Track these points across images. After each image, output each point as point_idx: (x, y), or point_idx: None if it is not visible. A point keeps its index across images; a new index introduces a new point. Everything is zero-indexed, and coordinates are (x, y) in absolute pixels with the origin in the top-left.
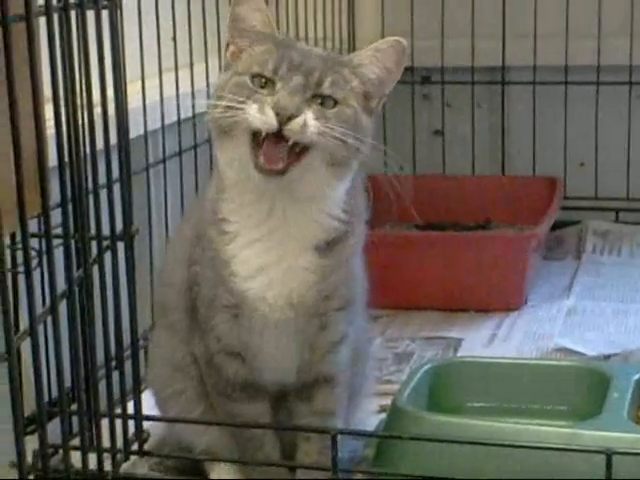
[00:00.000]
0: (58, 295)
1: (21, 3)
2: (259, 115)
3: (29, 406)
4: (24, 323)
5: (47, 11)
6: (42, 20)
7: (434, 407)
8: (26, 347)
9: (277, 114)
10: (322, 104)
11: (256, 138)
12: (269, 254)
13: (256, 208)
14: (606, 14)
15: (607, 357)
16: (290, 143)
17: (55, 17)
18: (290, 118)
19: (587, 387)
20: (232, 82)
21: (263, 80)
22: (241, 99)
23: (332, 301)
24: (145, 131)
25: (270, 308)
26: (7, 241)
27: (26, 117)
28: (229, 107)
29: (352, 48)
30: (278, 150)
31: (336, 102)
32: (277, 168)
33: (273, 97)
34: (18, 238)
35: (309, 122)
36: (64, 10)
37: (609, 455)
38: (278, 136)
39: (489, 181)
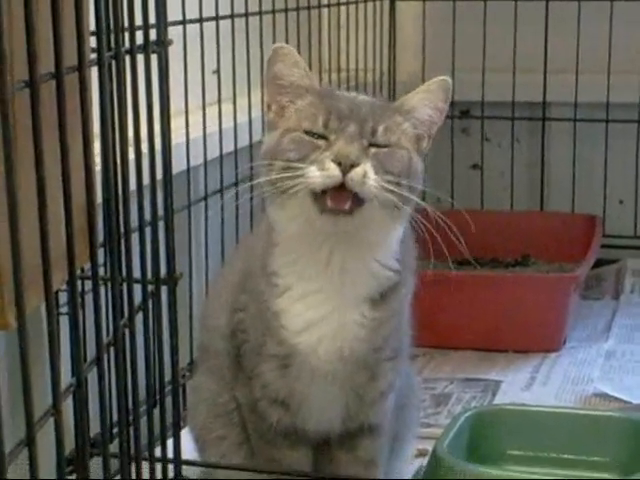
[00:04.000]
0: (104, 345)
1: (69, 54)
2: (320, 172)
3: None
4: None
5: (99, 61)
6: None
7: (474, 455)
8: None
9: (339, 164)
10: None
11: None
12: (321, 307)
13: (313, 260)
14: None
15: None
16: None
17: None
18: (352, 166)
19: (630, 439)
20: (287, 140)
21: (315, 136)
22: (299, 159)
23: (383, 352)
24: (188, 168)
25: (320, 361)
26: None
27: (76, 168)
28: (289, 167)
29: (392, 80)
30: (344, 194)
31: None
32: (345, 208)
33: (332, 148)
34: None
35: (369, 174)
36: (115, 58)
37: None
38: (341, 188)
39: (528, 217)
